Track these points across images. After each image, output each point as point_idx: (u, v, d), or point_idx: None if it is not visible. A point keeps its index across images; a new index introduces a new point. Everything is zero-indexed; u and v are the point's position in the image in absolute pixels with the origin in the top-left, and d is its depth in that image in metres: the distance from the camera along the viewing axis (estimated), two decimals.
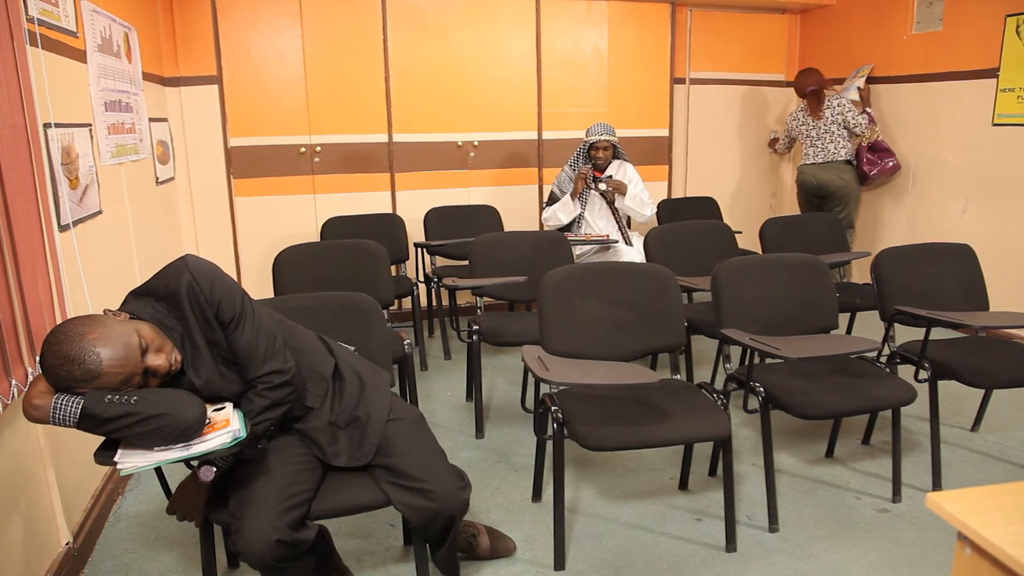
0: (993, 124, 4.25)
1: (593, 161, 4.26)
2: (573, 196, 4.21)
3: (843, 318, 3.22)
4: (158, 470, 1.68)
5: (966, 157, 4.45)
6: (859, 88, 4.92)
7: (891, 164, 4.78)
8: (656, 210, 4.47)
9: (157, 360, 1.55)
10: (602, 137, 4.22)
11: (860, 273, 5.22)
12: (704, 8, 5.33)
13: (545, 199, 4.41)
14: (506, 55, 4.76)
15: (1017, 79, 4.09)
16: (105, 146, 2.80)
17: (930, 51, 4.62)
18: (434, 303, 4.36)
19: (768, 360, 2.81)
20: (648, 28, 5.02)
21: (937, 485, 2.61)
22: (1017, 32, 4.07)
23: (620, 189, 4.20)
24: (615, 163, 4.34)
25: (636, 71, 5.05)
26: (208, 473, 1.62)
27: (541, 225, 5.00)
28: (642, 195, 4.25)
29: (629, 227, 4.33)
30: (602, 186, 4.21)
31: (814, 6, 5.41)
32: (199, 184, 4.35)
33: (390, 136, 4.62)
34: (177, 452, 1.53)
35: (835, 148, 4.79)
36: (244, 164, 4.40)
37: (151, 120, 3.62)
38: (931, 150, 4.68)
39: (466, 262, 3.47)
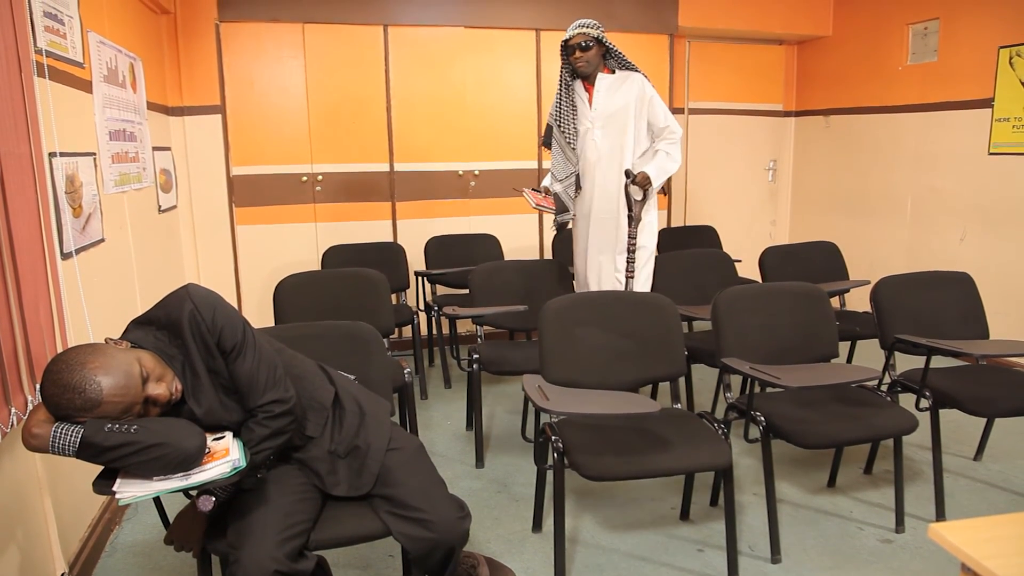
0: (989, 153, 4.28)
1: (575, 69, 3.23)
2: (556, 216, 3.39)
3: (843, 346, 3.22)
4: (156, 499, 1.67)
5: (963, 186, 4.48)
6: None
7: None
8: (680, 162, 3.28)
9: (158, 389, 1.55)
10: (577, 31, 3.14)
11: (860, 302, 5.22)
12: (702, 39, 5.40)
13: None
14: (507, 85, 4.82)
15: (1012, 109, 4.14)
16: (109, 175, 2.83)
17: (925, 82, 4.68)
18: (434, 332, 4.35)
19: (769, 389, 2.80)
20: (647, 59, 5.08)
21: (940, 515, 2.59)
22: (1010, 63, 4.12)
23: (643, 184, 3.14)
24: (617, 75, 3.27)
25: None
26: (207, 503, 1.61)
27: (542, 252, 5.02)
28: (666, 148, 3.19)
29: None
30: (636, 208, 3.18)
31: (811, 37, 5.49)
32: (201, 212, 4.37)
33: (391, 165, 4.65)
34: (176, 481, 1.52)
35: None
36: (246, 193, 4.43)
37: (155, 149, 3.65)
38: (928, 179, 4.72)
39: (467, 291, 3.48)
